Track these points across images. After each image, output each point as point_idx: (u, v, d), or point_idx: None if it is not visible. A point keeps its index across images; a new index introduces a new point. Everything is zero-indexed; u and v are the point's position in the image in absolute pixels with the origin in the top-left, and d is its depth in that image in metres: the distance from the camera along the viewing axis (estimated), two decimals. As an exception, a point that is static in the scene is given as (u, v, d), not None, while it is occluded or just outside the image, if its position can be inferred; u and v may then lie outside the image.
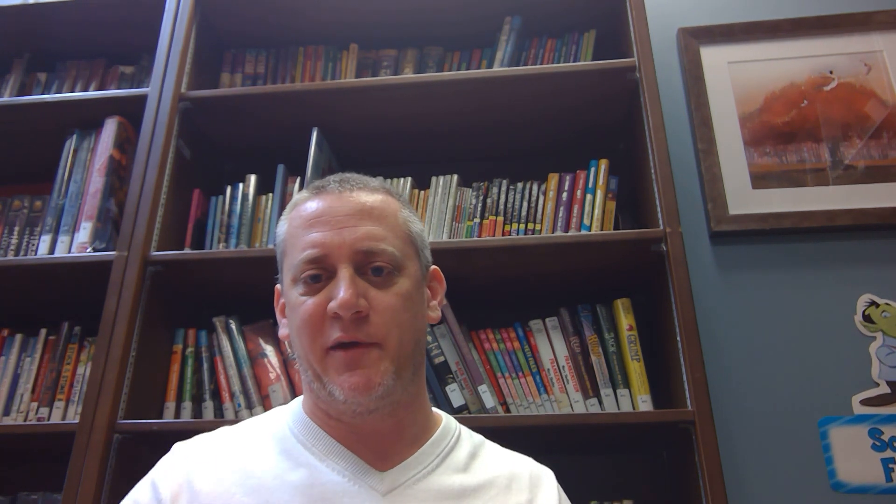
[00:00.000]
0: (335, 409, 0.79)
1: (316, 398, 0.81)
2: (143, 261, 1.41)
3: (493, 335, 1.43)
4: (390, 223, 0.82)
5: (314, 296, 0.77)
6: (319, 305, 0.76)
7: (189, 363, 1.48)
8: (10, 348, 1.51)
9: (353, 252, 0.77)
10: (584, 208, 1.49)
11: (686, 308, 1.27)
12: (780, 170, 1.67)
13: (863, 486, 1.39)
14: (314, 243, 0.78)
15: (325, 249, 0.77)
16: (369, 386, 0.74)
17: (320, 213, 0.80)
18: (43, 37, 1.86)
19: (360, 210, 0.81)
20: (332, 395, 0.76)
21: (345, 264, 0.77)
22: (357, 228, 0.79)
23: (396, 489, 0.77)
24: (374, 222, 0.80)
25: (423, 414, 0.86)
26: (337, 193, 0.82)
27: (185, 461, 0.80)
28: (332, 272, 0.77)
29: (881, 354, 1.49)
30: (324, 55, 1.81)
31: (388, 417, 0.79)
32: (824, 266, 1.58)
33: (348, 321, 0.75)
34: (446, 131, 1.70)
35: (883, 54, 1.75)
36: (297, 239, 0.81)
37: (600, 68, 1.52)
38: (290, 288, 0.80)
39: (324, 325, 0.76)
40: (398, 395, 0.78)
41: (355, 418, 0.78)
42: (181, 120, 1.59)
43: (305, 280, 0.78)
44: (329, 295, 0.76)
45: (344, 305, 0.74)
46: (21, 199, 1.66)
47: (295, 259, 0.79)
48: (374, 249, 0.78)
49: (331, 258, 0.77)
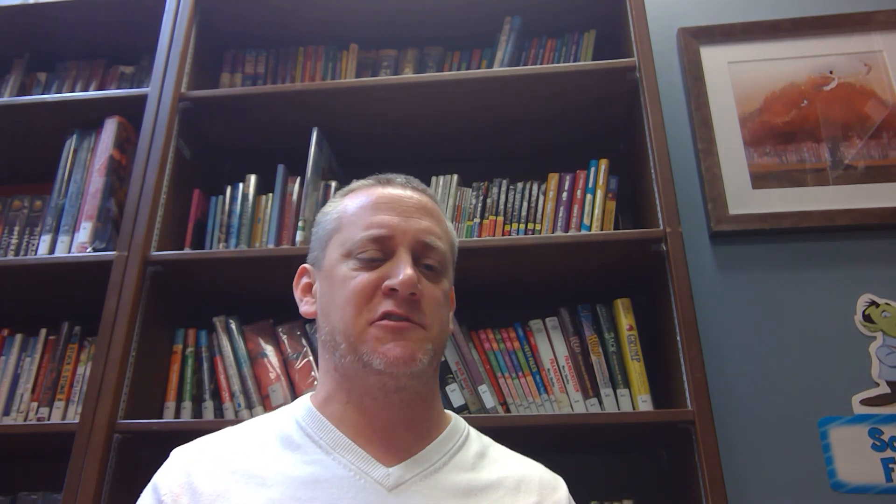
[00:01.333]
0: (362, 386, 0.80)
1: (340, 378, 0.82)
2: (143, 261, 1.41)
3: (493, 335, 1.43)
4: (444, 227, 0.89)
5: (369, 272, 0.80)
6: (374, 281, 0.80)
7: (189, 363, 1.48)
8: (10, 348, 1.51)
9: (416, 241, 0.83)
10: (584, 208, 1.49)
11: (686, 308, 1.27)
12: (780, 170, 1.67)
13: (863, 486, 1.39)
14: (381, 223, 0.82)
15: (391, 231, 0.82)
16: (413, 358, 0.77)
17: (389, 200, 0.85)
18: (43, 37, 1.86)
19: (424, 206, 0.87)
20: (368, 365, 0.78)
21: (406, 249, 0.82)
22: (421, 221, 0.84)
23: (403, 484, 0.77)
24: (434, 221, 0.86)
25: (435, 411, 0.87)
26: (402, 188, 0.88)
27: (184, 463, 0.80)
28: (389, 255, 0.81)
29: (881, 354, 1.49)
30: (324, 55, 1.81)
31: (406, 406, 0.81)
32: (824, 266, 1.58)
33: (403, 299, 0.78)
34: (446, 131, 1.70)
35: (883, 54, 1.75)
36: (359, 217, 0.85)
37: (600, 68, 1.52)
38: (340, 262, 0.83)
39: (372, 300, 0.79)
40: (422, 383, 0.81)
41: (377, 398, 0.80)
42: (181, 120, 1.59)
43: (363, 258, 0.81)
44: (384, 273, 0.80)
45: (405, 283, 0.78)
46: (21, 199, 1.66)
47: (355, 235, 0.83)
48: (432, 244, 0.84)
49: (394, 240, 0.82)
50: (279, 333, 1.50)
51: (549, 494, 0.84)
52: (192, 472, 0.78)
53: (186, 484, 0.76)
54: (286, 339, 1.49)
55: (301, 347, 1.48)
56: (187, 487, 0.76)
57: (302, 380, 1.44)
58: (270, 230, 1.55)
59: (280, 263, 1.42)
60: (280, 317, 1.51)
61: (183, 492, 0.76)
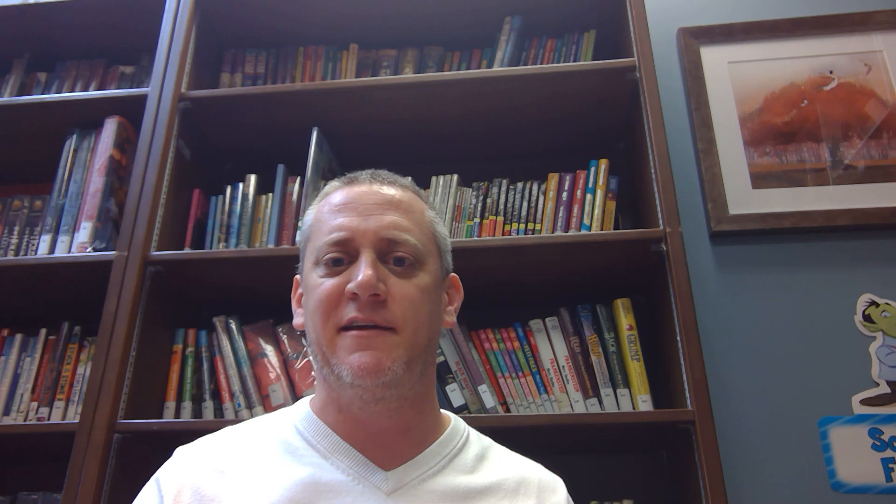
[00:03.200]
0: (344, 398, 0.79)
1: (328, 388, 0.81)
2: (143, 261, 1.41)
3: (493, 335, 1.43)
4: (416, 218, 0.84)
5: (334, 277, 0.78)
6: (337, 286, 0.77)
7: (189, 363, 1.48)
8: (10, 348, 1.51)
9: (378, 238, 0.79)
10: (584, 208, 1.49)
11: (686, 308, 1.27)
12: (780, 170, 1.67)
13: (863, 486, 1.39)
14: (340, 227, 0.80)
15: (350, 233, 0.79)
16: (379, 368, 0.74)
17: (349, 201, 0.83)
18: (43, 37, 1.86)
19: (389, 201, 0.83)
20: (339, 377, 0.76)
21: (367, 249, 0.78)
22: (383, 217, 0.81)
23: (401, 489, 0.77)
24: (401, 214, 0.82)
25: (430, 415, 0.85)
26: (367, 184, 0.85)
27: (188, 463, 0.80)
28: (354, 257, 0.79)
29: (881, 354, 1.49)
30: (324, 55, 1.81)
31: (394, 414, 0.79)
32: (824, 266, 1.58)
33: (365, 302, 0.75)
34: (446, 131, 1.70)
35: (883, 54, 1.75)
36: (323, 224, 0.83)
37: (600, 68, 1.53)
38: (311, 271, 0.81)
39: (339, 306, 0.77)
40: (405, 388, 0.78)
41: (362, 408, 0.78)
42: (181, 120, 1.59)
43: (327, 262, 0.79)
44: (348, 277, 0.77)
45: (363, 285, 0.75)
46: (21, 199, 1.66)
47: (319, 242, 0.81)
48: (397, 239, 0.79)
49: (355, 242, 0.79)
50: (279, 333, 1.50)
51: (548, 496, 0.84)
52: (196, 474, 0.78)
53: (190, 484, 0.76)
54: (286, 339, 1.49)
55: (301, 347, 1.48)
56: (190, 488, 0.76)
57: (302, 380, 1.44)
58: (270, 230, 1.55)
59: (280, 263, 1.42)
60: (280, 317, 1.51)
61: (185, 491, 0.76)
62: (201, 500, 0.75)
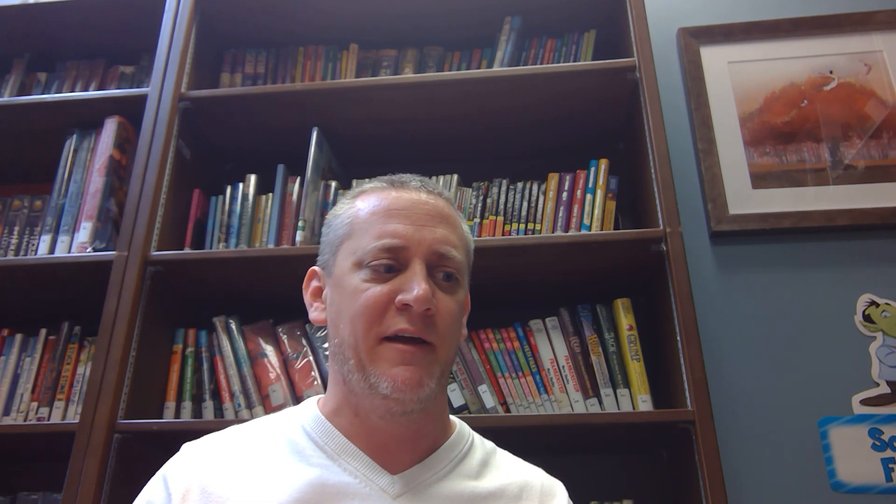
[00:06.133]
0: (368, 405, 0.78)
1: (348, 392, 0.80)
2: (143, 261, 1.41)
3: (493, 335, 1.43)
4: (459, 233, 0.84)
5: (381, 284, 0.77)
6: (386, 294, 0.76)
7: (189, 363, 1.48)
8: (10, 348, 1.51)
9: (430, 252, 0.78)
10: (584, 208, 1.49)
11: (686, 308, 1.27)
12: (780, 170, 1.67)
13: (863, 486, 1.39)
14: (395, 233, 0.78)
15: (404, 241, 0.78)
16: (420, 384, 0.74)
17: (401, 207, 0.81)
18: (43, 37, 1.86)
19: (440, 213, 0.82)
20: (374, 387, 0.75)
21: (419, 260, 0.77)
22: (435, 230, 0.80)
23: (408, 492, 0.77)
24: (450, 229, 0.82)
25: (441, 421, 0.85)
26: (417, 192, 0.83)
27: (195, 460, 0.79)
28: (403, 266, 0.78)
29: (881, 354, 1.49)
30: (324, 55, 1.81)
31: (413, 424, 0.79)
32: (824, 266, 1.58)
33: (417, 315, 0.75)
34: (446, 131, 1.70)
35: (883, 54, 1.75)
36: (371, 224, 0.80)
37: (600, 68, 1.52)
38: (351, 272, 0.79)
39: (385, 315, 0.76)
40: (430, 402, 0.78)
41: (384, 417, 0.77)
42: (181, 120, 1.59)
43: (377, 268, 0.77)
44: (397, 286, 0.76)
45: (420, 299, 0.74)
46: (21, 199, 1.66)
47: (367, 243, 0.79)
48: (448, 254, 0.79)
49: (408, 251, 0.78)
50: (279, 333, 1.50)
51: (549, 501, 0.84)
52: (203, 471, 0.77)
53: (197, 482, 0.76)
54: (286, 339, 1.49)
55: (301, 347, 1.48)
56: (197, 485, 0.76)
57: (302, 380, 1.44)
58: (270, 230, 1.55)
59: (280, 263, 1.42)
60: (280, 317, 1.51)
61: (193, 488, 0.76)
62: (209, 498, 0.75)
